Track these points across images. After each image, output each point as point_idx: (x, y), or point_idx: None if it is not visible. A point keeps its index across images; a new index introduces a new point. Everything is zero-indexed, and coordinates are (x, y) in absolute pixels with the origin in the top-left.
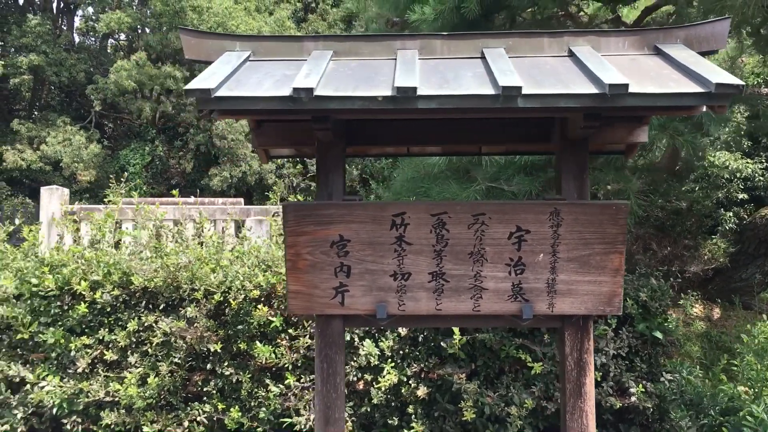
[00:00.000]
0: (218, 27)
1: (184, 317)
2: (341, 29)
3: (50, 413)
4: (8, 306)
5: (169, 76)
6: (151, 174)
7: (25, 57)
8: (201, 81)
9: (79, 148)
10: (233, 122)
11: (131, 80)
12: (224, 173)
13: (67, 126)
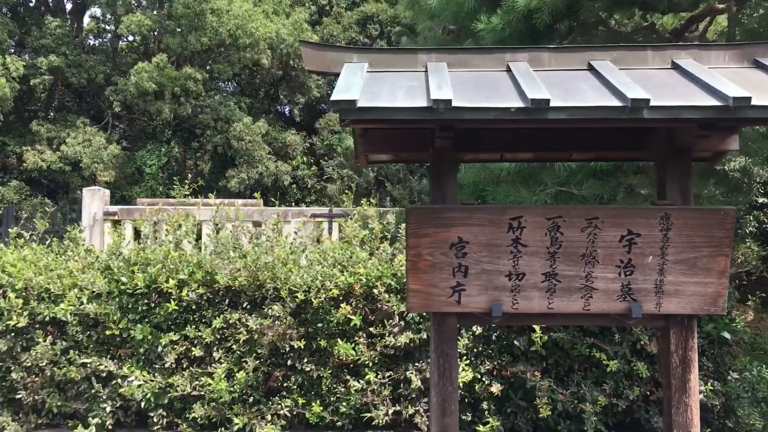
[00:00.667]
0: (237, 29)
1: (267, 315)
2: (356, 32)
3: (137, 407)
4: (98, 303)
5: (189, 78)
6: (167, 175)
7: (45, 58)
8: (342, 93)
9: (98, 149)
10: (251, 124)
11: (152, 82)
12: (242, 174)
13: (86, 127)
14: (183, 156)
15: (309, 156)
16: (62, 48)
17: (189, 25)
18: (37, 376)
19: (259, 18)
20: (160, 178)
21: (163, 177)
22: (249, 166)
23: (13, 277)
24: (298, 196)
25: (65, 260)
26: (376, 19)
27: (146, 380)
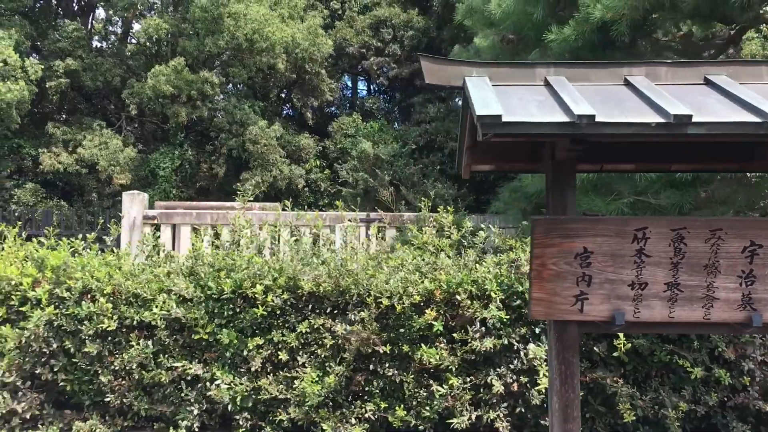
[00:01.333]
0: (254, 33)
1: (351, 321)
2: (369, 35)
3: (222, 410)
4: (185, 308)
5: (206, 81)
6: (180, 178)
7: (62, 61)
8: (485, 108)
9: (115, 151)
10: (266, 127)
11: (169, 85)
12: (256, 178)
13: (102, 130)
14: (196, 159)
15: (321, 159)
16: (78, 51)
17: (206, 29)
18: (124, 380)
19: (275, 22)
20: (173, 181)
21: (176, 179)
22: (263, 170)
23: (101, 282)
24: (310, 199)
25: (151, 265)
26: (389, 23)
27: (233, 383)
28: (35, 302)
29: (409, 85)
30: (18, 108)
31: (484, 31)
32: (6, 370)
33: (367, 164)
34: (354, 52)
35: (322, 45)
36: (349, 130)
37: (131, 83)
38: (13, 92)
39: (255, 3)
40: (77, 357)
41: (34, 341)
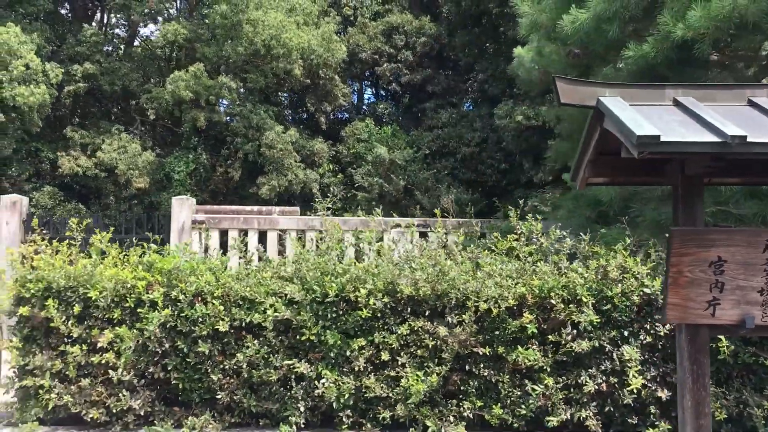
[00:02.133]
0: (272, 39)
1: (449, 323)
2: (382, 42)
3: (325, 407)
4: (292, 310)
5: (224, 87)
6: (195, 182)
7: (80, 65)
8: (641, 128)
9: (134, 155)
10: (282, 132)
11: (189, 90)
12: (272, 182)
13: (121, 134)
14: (210, 163)
15: (334, 164)
16: (96, 56)
17: (224, 35)
18: (232, 378)
19: (292, 29)
20: (188, 185)
21: (191, 183)
22: (279, 174)
23: (211, 285)
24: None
25: (259, 270)
26: (401, 29)
27: (338, 382)
28: (149, 304)
29: (421, 90)
30: (39, 111)
31: (549, 47)
32: (124, 368)
33: (381, 169)
34: (367, 58)
35: (337, 51)
36: (362, 135)
37: (149, 88)
38: (36, 96)
39: (272, 10)
40: (190, 357)
41: (149, 341)
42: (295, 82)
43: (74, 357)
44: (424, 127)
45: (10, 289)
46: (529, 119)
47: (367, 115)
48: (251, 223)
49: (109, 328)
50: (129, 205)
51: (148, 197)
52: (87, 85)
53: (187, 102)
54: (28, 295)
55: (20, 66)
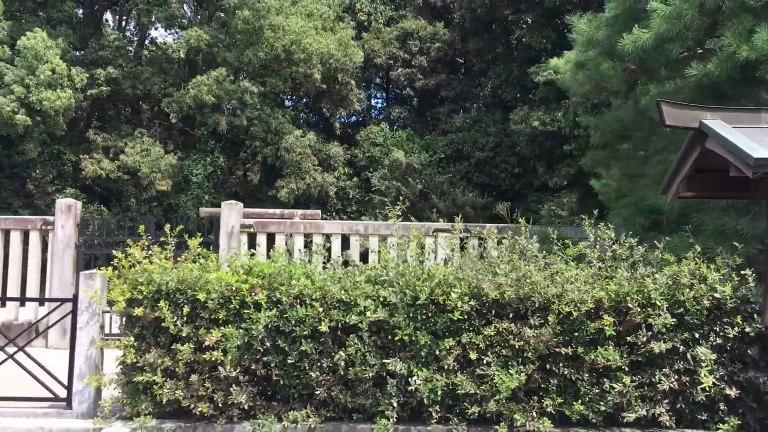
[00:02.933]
0: (292, 44)
1: (531, 325)
2: (396, 47)
3: (415, 403)
4: (387, 312)
5: (246, 91)
6: (212, 184)
7: (104, 70)
8: (754, 151)
9: (157, 158)
10: (301, 136)
11: (211, 95)
12: (291, 185)
13: (144, 137)
14: (228, 166)
15: (349, 167)
16: (119, 60)
17: (246, 40)
18: (329, 375)
19: (311, 34)
20: (205, 187)
21: (209, 186)
22: (297, 177)
23: (310, 288)
24: (338, 206)
25: (354, 273)
26: (416, 35)
27: (428, 379)
28: (253, 306)
29: (434, 95)
30: (63, 115)
31: (606, 63)
32: (230, 365)
33: (398, 172)
34: (381, 63)
35: (354, 55)
36: (378, 139)
37: (170, 92)
38: (62, 100)
39: (292, 15)
40: (291, 355)
41: (254, 340)
42: (311, 87)
43: (184, 355)
44: (438, 131)
45: (121, 291)
46: (544, 125)
47: (382, 120)
48: (297, 227)
49: (214, 328)
50: (149, 207)
51: (167, 199)
52: (109, 88)
53: (209, 106)
54: (140, 296)
55: (47, 70)
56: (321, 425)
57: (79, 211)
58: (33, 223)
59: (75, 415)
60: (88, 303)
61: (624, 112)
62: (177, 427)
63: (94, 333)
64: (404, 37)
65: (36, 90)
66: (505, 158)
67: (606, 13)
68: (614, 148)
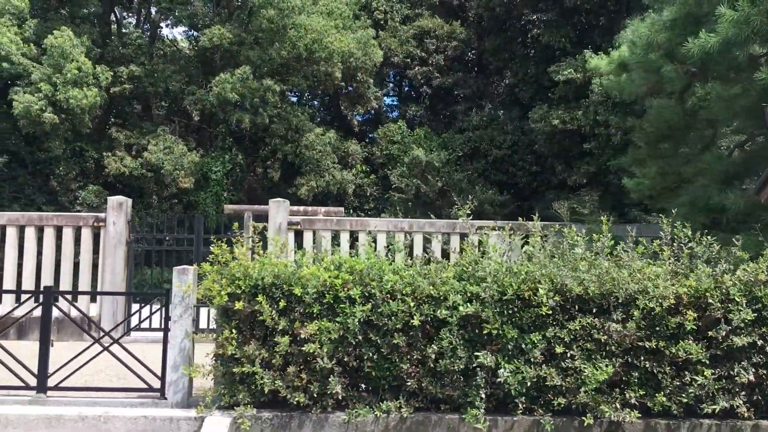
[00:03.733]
0: (314, 43)
1: (615, 319)
2: (413, 46)
3: (501, 394)
4: (476, 307)
5: (268, 90)
6: (231, 181)
7: (126, 67)
8: None
9: (180, 156)
10: (322, 134)
11: (235, 93)
12: (311, 183)
13: (166, 135)
14: (247, 163)
15: (366, 164)
16: (141, 58)
17: (269, 39)
18: (418, 367)
19: (332, 33)
20: (224, 184)
21: (227, 183)
22: (317, 175)
23: (400, 283)
24: (355, 203)
25: (439, 269)
26: (432, 34)
27: (515, 371)
28: (347, 301)
29: (450, 93)
30: (89, 113)
31: (668, 66)
32: (327, 357)
33: (417, 170)
34: (398, 62)
35: (374, 54)
36: (395, 137)
37: (192, 90)
38: (88, 98)
39: (314, 14)
40: (383, 348)
41: (348, 333)
42: (329, 85)
43: (282, 347)
44: (455, 129)
45: (222, 285)
46: (564, 123)
47: (397, 118)
48: (343, 225)
49: (307, 321)
50: (170, 204)
51: (187, 196)
52: (131, 86)
53: (232, 104)
54: (239, 291)
55: (73, 69)
56: (411, 415)
57: (129, 208)
58: (85, 220)
59: (170, 405)
60: (181, 297)
61: (671, 113)
62: (274, 416)
63: (187, 326)
64: (421, 36)
65: (63, 88)
66: (522, 156)
67: (663, 16)
68: (655, 147)
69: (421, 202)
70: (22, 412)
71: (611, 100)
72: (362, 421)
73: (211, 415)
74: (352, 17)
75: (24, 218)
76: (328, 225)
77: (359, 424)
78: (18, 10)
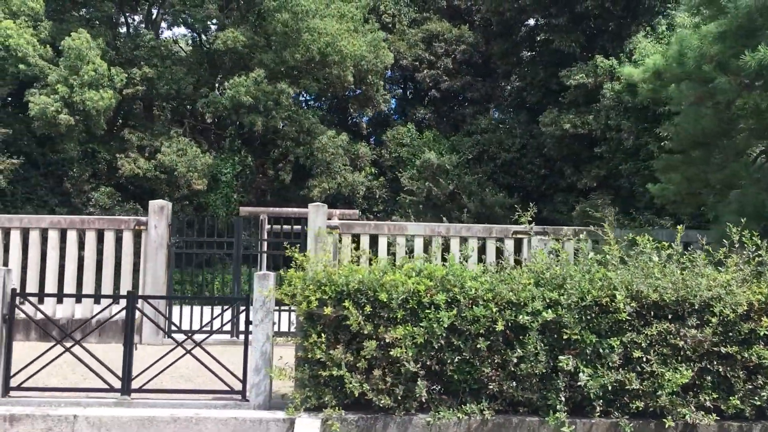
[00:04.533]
0: (327, 47)
1: (690, 325)
2: (422, 49)
3: (577, 397)
4: (555, 312)
5: (282, 93)
6: (241, 183)
7: (139, 69)
8: None
9: (193, 158)
10: (334, 137)
11: (249, 95)
12: (323, 185)
13: (179, 137)
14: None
15: (375, 167)
16: (154, 60)
17: (282, 42)
18: (499, 371)
19: (345, 36)
20: (234, 186)
21: (237, 185)
22: (329, 177)
23: (481, 290)
24: (364, 206)
25: (515, 276)
26: (441, 37)
27: (594, 375)
28: (429, 306)
29: (458, 96)
30: (104, 114)
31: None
32: (413, 361)
33: (427, 173)
34: (407, 65)
35: (385, 57)
36: (405, 140)
37: (204, 92)
38: (105, 100)
39: (327, 17)
40: (465, 352)
41: (433, 338)
42: (339, 87)
43: (369, 351)
44: (463, 132)
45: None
46: (575, 127)
47: (405, 121)
48: (381, 229)
49: (390, 326)
50: (181, 206)
51: (197, 198)
52: (144, 88)
53: (246, 106)
54: (326, 296)
55: (90, 71)
56: (492, 417)
57: (170, 211)
58: (126, 223)
59: (252, 407)
60: (262, 302)
61: (708, 121)
62: (359, 418)
63: (268, 330)
64: (429, 39)
65: (79, 90)
66: (531, 159)
67: (713, 28)
68: (689, 154)
69: (431, 205)
70: (115, 414)
71: (623, 105)
72: (445, 423)
73: (300, 417)
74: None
75: (66, 221)
76: (367, 229)
77: (442, 426)
78: (33, 11)
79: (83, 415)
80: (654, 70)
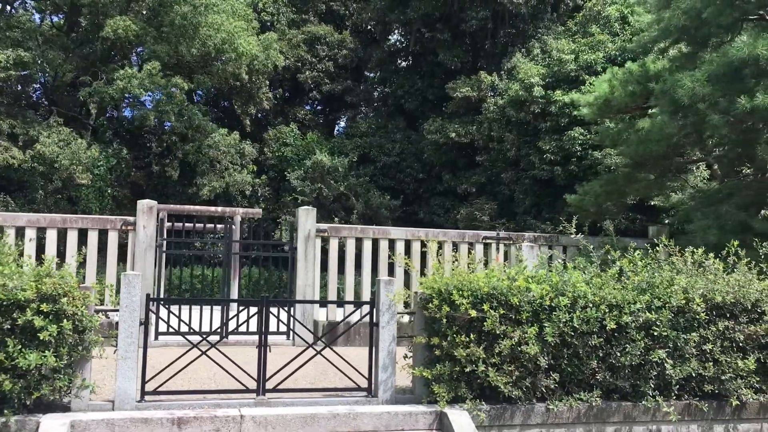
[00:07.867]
0: (224, 44)
1: (743, 321)
2: (304, 51)
3: (662, 383)
4: (651, 314)
5: (175, 86)
6: (115, 177)
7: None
8: None
9: (78, 150)
10: (226, 135)
11: (141, 88)
12: (213, 183)
13: (60, 127)
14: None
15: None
16: (29, 42)
17: (178, 36)
18: (601, 364)
19: (243, 35)
20: (108, 180)
21: (111, 179)
22: (218, 176)
23: (590, 294)
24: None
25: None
26: (323, 40)
27: (674, 365)
28: (548, 309)
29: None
30: None
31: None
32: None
33: (317, 174)
34: (290, 65)
35: (276, 59)
36: (288, 139)
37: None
38: None
39: (221, 13)
40: (579, 348)
41: (551, 337)
42: (227, 84)
43: (501, 348)
44: (344, 134)
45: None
46: (460, 136)
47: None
48: (366, 233)
49: (517, 327)
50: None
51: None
52: (17, 73)
53: (136, 99)
54: (459, 300)
55: None
56: (596, 404)
57: (158, 211)
58: (112, 222)
59: (380, 402)
60: (388, 305)
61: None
62: (491, 408)
63: (393, 331)
64: (312, 41)
65: None
66: (410, 164)
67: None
68: (633, 173)
69: (318, 205)
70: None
71: (506, 118)
72: (560, 410)
73: (449, 409)
74: (252, 18)
75: (45, 220)
76: (353, 233)
77: (557, 413)
78: None
79: (249, 414)
80: (604, 99)
